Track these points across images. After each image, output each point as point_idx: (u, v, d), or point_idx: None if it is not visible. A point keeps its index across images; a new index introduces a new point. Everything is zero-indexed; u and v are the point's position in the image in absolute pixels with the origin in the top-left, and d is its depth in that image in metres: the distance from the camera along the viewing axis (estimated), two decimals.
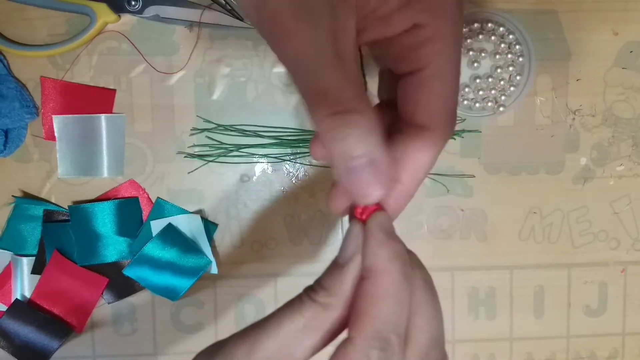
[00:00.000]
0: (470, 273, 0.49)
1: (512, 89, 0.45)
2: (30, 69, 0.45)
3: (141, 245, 0.45)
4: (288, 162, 0.47)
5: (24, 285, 0.46)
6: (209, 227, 0.47)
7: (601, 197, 0.48)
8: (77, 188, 0.46)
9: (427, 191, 0.48)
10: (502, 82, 0.45)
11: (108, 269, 0.46)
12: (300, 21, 0.21)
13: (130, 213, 0.46)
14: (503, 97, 0.45)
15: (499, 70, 0.44)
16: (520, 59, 0.44)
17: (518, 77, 0.45)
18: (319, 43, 0.21)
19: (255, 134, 0.46)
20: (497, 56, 0.44)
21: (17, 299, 0.46)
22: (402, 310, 0.22)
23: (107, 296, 0.47)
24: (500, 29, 0.44)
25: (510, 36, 0.44)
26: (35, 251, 0.46)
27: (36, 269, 0.46)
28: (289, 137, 0.46)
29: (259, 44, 0.46)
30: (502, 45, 0.44)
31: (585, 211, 0.49)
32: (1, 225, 0.46)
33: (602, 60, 0.47)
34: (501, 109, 0.45)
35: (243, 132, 0.46)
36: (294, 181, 0.47)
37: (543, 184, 0.48)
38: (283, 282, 0.48)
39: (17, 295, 0.46)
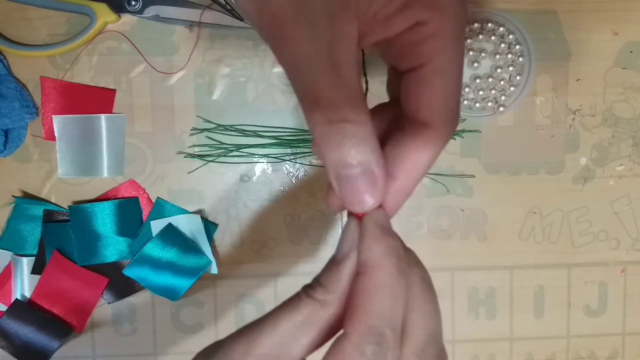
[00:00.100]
0: (470, 273, 0.49)
1: (512, 89, 0.45)
2: (30, 69, 0.45)
3: (141, 245, 0.45)
4: (288, 162, 0.47)
5: (24, 285, 0.46)
6: (209, 227, 0.47)
7: (601, 197, 0.48)
8: (77, 188, 0.46)
9: (427, 191, 0.48)
10: (502, 82, 0.45)
11: (108, 269, 0.46)
12: (300, 25, 0.21)
13: (130, 213, 0.46)
14: (503, 97, 0.45)
15: (499, 70, 0.44)
16: (520, 59, 0.44)
17: (518, 77, 0.45)
18: (316, 48, 0.21)
19: (255, 134, 0.46)
20: (497, 56, 0.44)
21: (17, 299, 0.46)
22: (397, 305, 0.22)
23: (107, 296, 0.47)
24: (500, 29, 0.44)
25: (510, 36, 0.44)
26: (35, 251, 0.46)
27: (36, 269, 0.46)
28: (289, 137, 0.46)
29: (259, 44, 0.46)
30: (502, 45, 0.44)
31: (585, 211, 0.49)
32: (1, 225, 0.46)
33: (602, 60, 0.47)
34: (501, 109, 0.45)
35: (243, 132, 0.46)
36: (294, 181, 0.47)
37: (543, 184, 0.48)
38: (283, 282, 0.48)
39: (17, 295, 0.46)
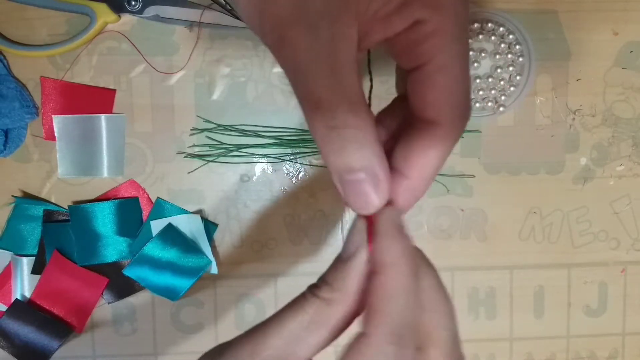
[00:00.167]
0: (470, 273, 0.49)
1: (512, 89, 0.45)
2: (30, 69, 0.45)
3: (141, 245, 0.45)
4: (288, 162, 0.47)
5: (24, 285, 0.46)
6: (209, 227, 0.47)
7: (601, 197, 0.48)
8: (77, 188, 0.46)
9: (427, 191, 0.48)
10: (502, 82, 0.45)
11: (108, 269, 0.46)
12: (300, 27, 0.21)
13: (130, 213, 0.46)
14: (503, 97, 0.45)
15: (499, 70, 0.44)
16: (520, 59, 0.44)
17: (518, 77, 0.45)
18: (316, 51, 0.21)
19: (255, 134, 0.46)
20: (497, 56, 0.44)
21: (17, 299, 0.46)
22: (414, 305, 0.22)
23: (107, 296, 0.47)
24: (500, 29, 0.44)
25: (510, 36, 0.44)
26: (35, 251, 0.46)
27: (36, 269, 0.46)
28: (289, 137, 0.46)
29: (259, 44, 0.46)
30: (502, 45, 0.44)
31: (585, 211, 0.49)
32: (1, 225, 0.46)
33: (602, 60, 0.47)
34: (501, 109, 0.45)
35: (243, 132, 0.46)
36: (294, 181, 0.47)
37: (543, 184, 0.48)
38: (283, 282, 0.48)
39: (17, 295, 0.46)
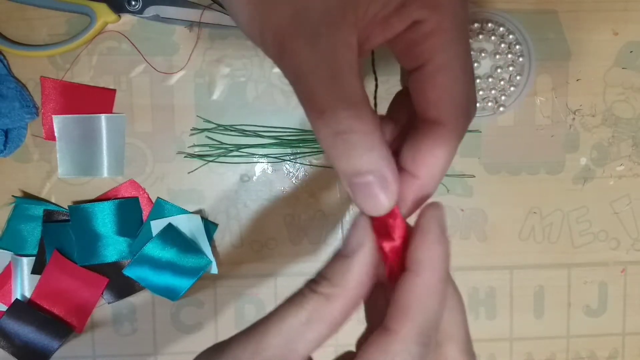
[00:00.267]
0: (470, 273, 0.49)
1: (512, 89, 0.45)
2: (30, 69, 0.45)
3: (141, 245, 0.45)
4: (288, 162, 0.47)
5: (24, 285, 0.46)
6: (209, 227, 0.47)
7: (601, 197, 0.48)
8: (77, 188, 0.46)
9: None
10: (502, 82, 0.45)
11: (108, 269, 0.46)
12: (301, 37, 0.21)
13: (130, 213, 0.46)
14: (503, 97, 0.45)
15: (499, 70, 0.44)
16: (520, 59, 0.44)
17: (518, 77, 0.45)
18: (318, 61, 0.21)
19: (255, 134, 0.46)
20: (497, 56, 0.44)
21: (17, 299, 0.46)
22: (443, 309, 0.22)
23: (107, 296, 0.47)
24: (500, 29, 0.44)
25: (510, 36, 0.44)
26: (35, 251, 0.46)
27: (36, 269, 0.46)
28: (289, 137, 0.46)
29: None
30: (502, 45, 0.44)
31: (585, 211, 0.49)
32: (1, 225, 0.46)
33: (602, 60, 0.47)
34: (501, 109, 0.45)
35: (243, 132, 0.46)
36: (294, 181, 0.47)
37: (543, 184, 0.48)
38: (283, 282, 0.48)
39: (17, 295, 0.46)
